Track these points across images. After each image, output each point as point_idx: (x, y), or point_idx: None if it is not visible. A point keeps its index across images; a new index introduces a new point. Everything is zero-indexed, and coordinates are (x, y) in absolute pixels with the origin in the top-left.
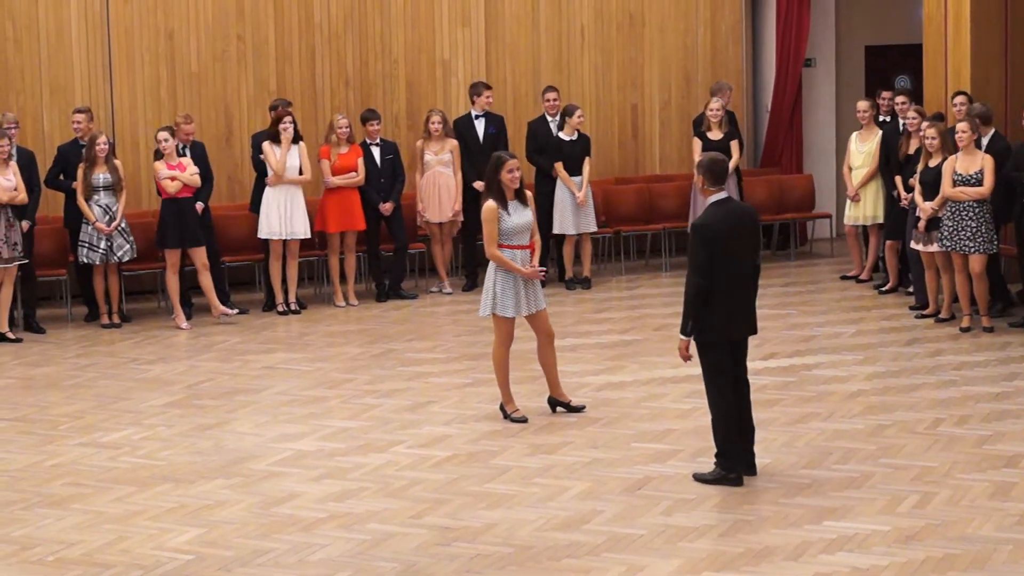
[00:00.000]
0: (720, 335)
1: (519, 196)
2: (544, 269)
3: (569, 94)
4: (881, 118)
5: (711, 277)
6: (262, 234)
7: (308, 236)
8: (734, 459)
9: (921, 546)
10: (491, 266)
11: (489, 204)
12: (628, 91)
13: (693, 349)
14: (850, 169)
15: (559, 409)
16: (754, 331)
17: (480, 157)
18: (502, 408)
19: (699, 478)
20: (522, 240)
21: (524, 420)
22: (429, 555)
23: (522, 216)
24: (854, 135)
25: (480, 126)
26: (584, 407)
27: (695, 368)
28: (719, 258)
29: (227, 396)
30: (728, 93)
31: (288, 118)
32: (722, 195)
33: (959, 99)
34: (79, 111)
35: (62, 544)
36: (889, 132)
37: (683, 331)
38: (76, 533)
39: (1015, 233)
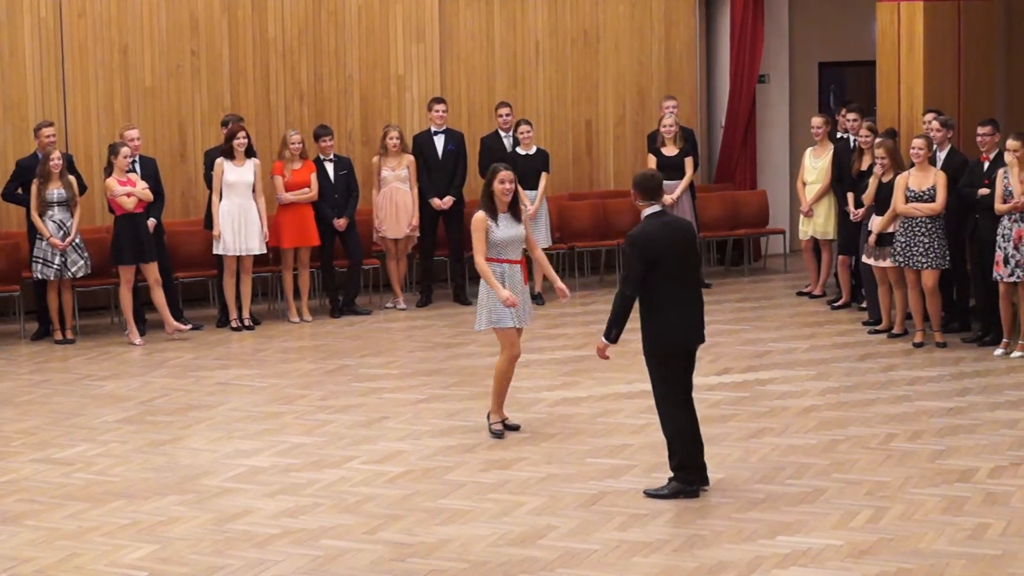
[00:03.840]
0: (677, 346)
1: (512, 209)
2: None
3: (524, 110)
4: (839, 135)
5: (639, 289)
6: (216, 250)
7: (263, 252)
8: (693, 472)
9: (874, 561)
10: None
11: (478, 214)
12: (583, 107)
13: (612, 351)
14: (803, 184)
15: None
16: (703, 340)
17: (439, 174)
18: (488, 416)
19: (652, 494)
20: (511, 254)
21: (500, 436)
22: (383, 571)
23: (512, 230)
24: (808, 151)
25: (439, 142)
26: (520, 426)
27: (649, 384)
28: (661, 270)
29: (181, 412)
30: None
31: (242, 133)
32: (655, 208)
33: (929, 116)
34: (49, 124)
35: (15, 561)
36: (841, 148)
37: (606, 336)
38: (30, 550)
39: (969, 249)
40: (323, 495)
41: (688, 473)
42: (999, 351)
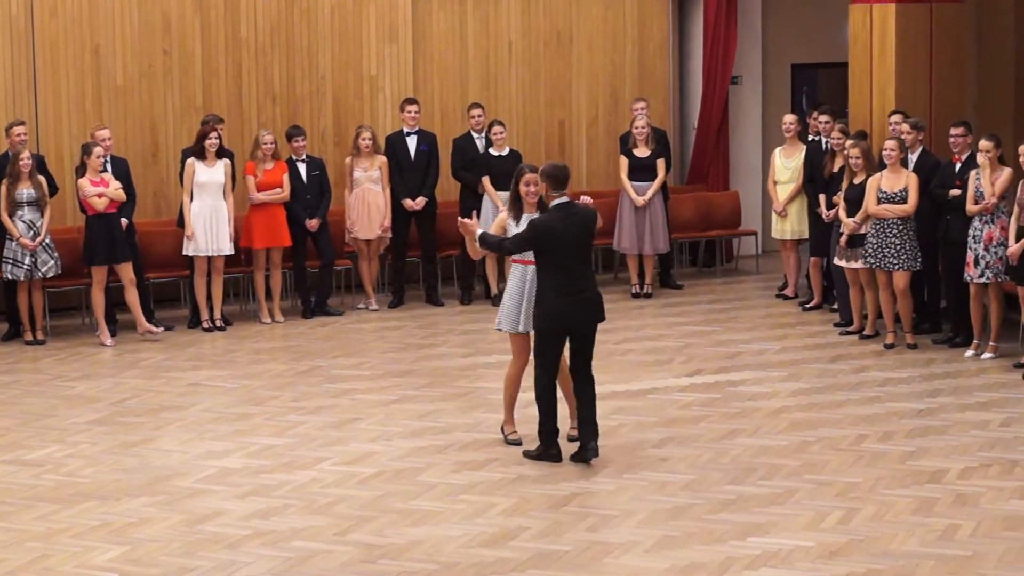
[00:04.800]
0: (557, 328)
1: (541, 210)
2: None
3: (497, 110)
4: (811, 137)
5: (515, 252)
6: (187, 251)
7: (232, 253)
8: (553, 435)
9: (845, 562)
10: (509, 281)
11: (501, 214)
12: (556, 107)
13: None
14: (775, 184)
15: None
16: (599, 319)
17: (411, 174)
18: (502, 428)
19: (527, 455)
20: (531, 256)
21: (518, 443)
22: (354, 572)
23: None
24: (777, 150)
25: (412, 143)
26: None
27: (622, 384)
28: (555, 258)
29: (152, 413)
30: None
31: (213, 133)
32: (563, 199)
33: (895, 117)
34: (20, 123)
35: None
36: (813, 150)
37: (481, 241)
38: None
39: (940, 250)
40: (294, 496)
41: (549, 436)
42: (970, 352)
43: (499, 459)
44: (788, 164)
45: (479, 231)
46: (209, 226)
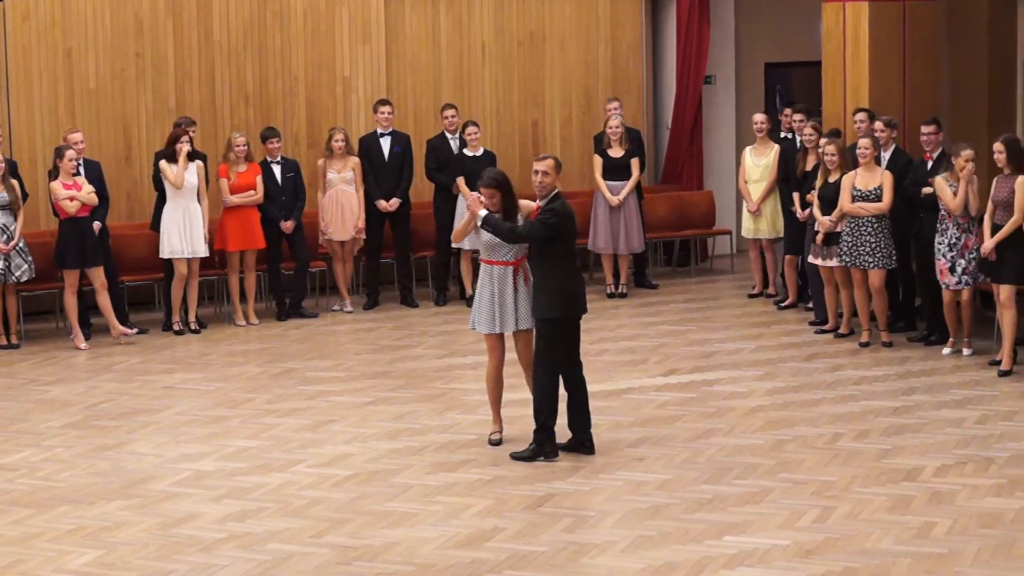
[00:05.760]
0: (577, 311)
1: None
2: (480, 197)
3: (470, 111)
4: (783, 134)
5: (531, 236)
6: (164, 254)
7: (207, 255)
8: (551, 436)
9: (821, 560)
10: (480, 281)
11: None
12: (529, 108)
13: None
14: (746, 183)
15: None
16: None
17: (385, 175)
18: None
19: (517, 456)
20: (497, 256)
21: (498, 443)
22: (330, 574)
23: None
24: (748, 149)
25: (386, 144)
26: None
27: (597, 384)
28: (569, 242)
29: (127, 417)
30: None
31: (184, 136)
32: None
33: (860, 116)
34: None
35: None
36: (787, 148)
37: (484, 222)
38: None
39: (914, 249)
40: (269, 499)
41: (547, 435)
42: (947, 350)
43: (474, 460)
44: (759, 163)
45: (484, 212)
46: (183, 229)
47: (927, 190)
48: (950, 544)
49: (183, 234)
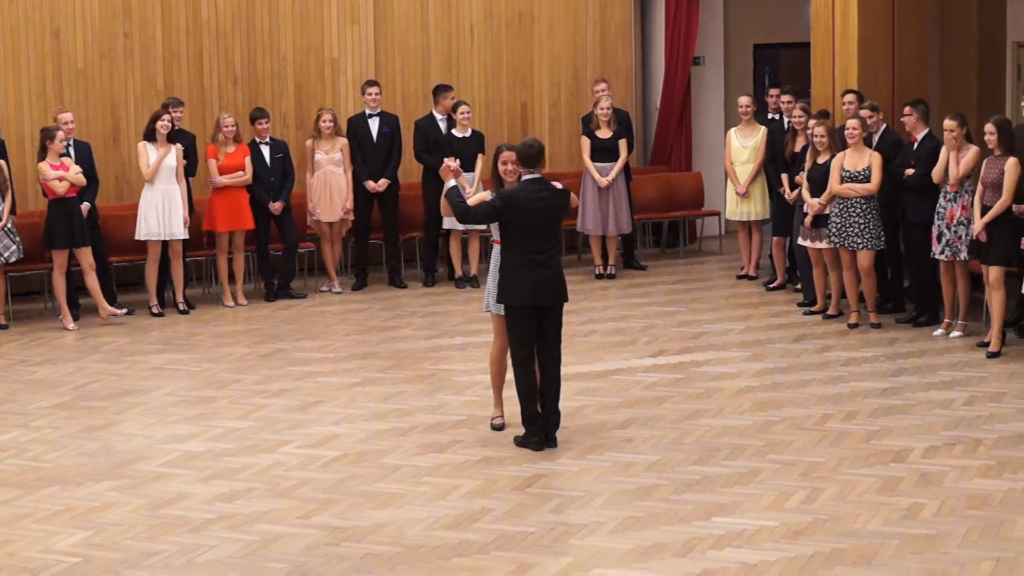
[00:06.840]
0: (524, 298)
1: None
2: (455, 160)
3: (459, 92)
4: (769, 115)
5: (479, 222)
6: (140, 235)
7: (186, 237)
8: (534, 421)
9: (809, 541)
10: (491, 261)
11: (482, 193)
12: (518, 89)
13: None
14: (732, 164)
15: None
16: (562, 299)
17: (374, 157)
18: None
19: (518, 441)
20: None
21: (500, 428)
22: (318, 555)
23: None
24: (733, 131)
25: (374, 125)
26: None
27: (586, 365)
28: (521, 229)
29: (115, 397)
30: (605, 86)
31: (165, 116)
32: (534, 175)
33: (848, 97)
34: None
35: None
36: (775, 129)
37: (446, 194)
38: None
39: (901, 230)
40: (257, 480)
41: (531, 425)
42: (939, 331)
43: (463, 441)
44: (746, 144)
45: (452, 182)
46: (162, 211)
47: (909, 171)
48: (938, 525)
49: (160, 216)
